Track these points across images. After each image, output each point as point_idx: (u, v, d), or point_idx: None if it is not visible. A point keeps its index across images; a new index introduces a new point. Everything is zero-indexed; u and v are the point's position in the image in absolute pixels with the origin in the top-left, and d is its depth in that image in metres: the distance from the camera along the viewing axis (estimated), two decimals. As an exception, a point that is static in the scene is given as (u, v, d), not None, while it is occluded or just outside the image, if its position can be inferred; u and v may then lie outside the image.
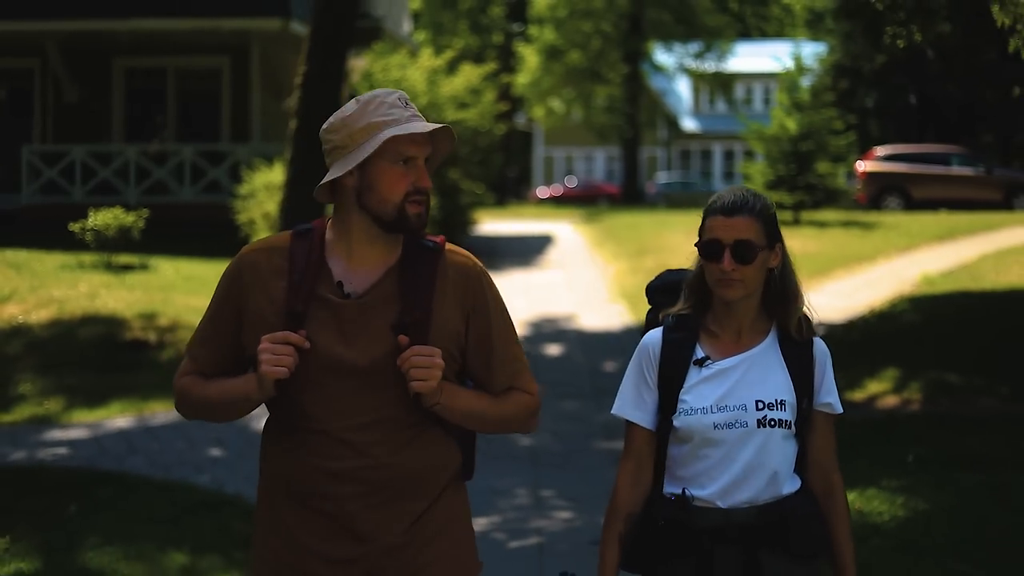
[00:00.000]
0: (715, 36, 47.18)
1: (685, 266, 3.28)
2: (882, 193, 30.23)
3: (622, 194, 47.60)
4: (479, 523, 7.14)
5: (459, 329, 2.94)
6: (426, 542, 2.92)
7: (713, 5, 47.21)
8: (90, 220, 16.39)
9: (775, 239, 3.12)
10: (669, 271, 3.39)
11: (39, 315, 13.81)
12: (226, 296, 2.97)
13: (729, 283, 3.06)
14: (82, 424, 10.32)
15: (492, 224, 28.89)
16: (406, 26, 29.19)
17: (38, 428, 10.31)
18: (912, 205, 29.63)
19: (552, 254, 23.29)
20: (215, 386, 2.95)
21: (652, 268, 18.89)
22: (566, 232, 28.58)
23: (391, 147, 2.86)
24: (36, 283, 15.07)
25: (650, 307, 3.33)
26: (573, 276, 19.58)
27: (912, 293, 15.48)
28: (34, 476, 8.59)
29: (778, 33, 53.78)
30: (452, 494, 3.01)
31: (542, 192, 53.37)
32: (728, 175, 55.43)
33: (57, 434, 10.04)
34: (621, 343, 13.33)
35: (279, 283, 2.91)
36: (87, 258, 16.64)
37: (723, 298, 3.10)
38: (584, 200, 47.83)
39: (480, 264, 3.04)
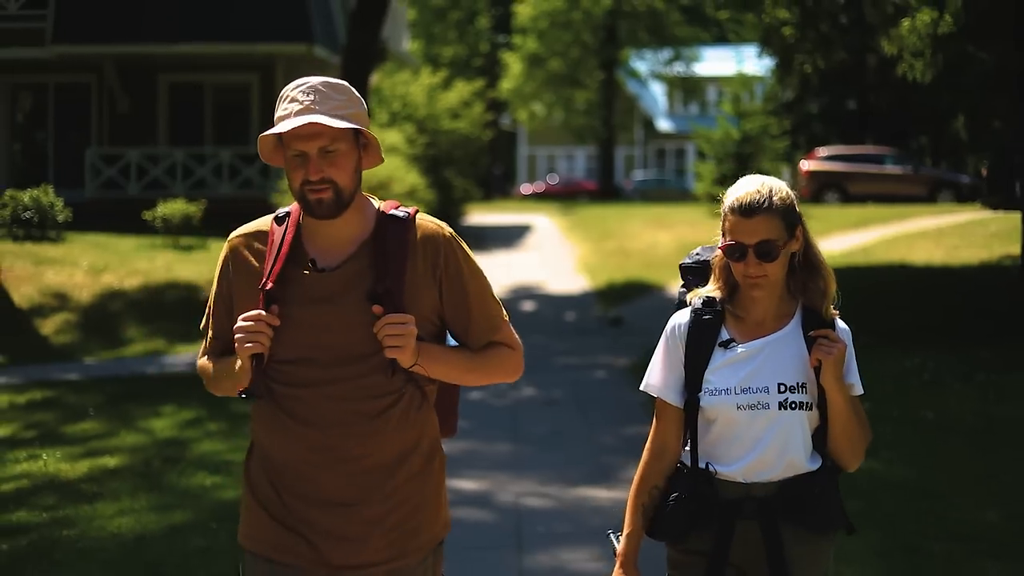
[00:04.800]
0: (683, 44, 51.34)
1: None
2: (822, 189, 34.00)
3: (599, 190, 51.08)
4: (476, 395, 11.26)
5: (433, 293, 3.04)
6: (408, 511, 3.05)
7: (683, 17, 51.26)
8: (159, 209, 20.49)
9: (795, 225, 3.14)
10: (704, 248, 3.40)
11: (130, 282, 17.82)
12: (219, 281, 3.14)
13: (755, 282, 3.13)
14: (189, 353, 14.35)
15: (480, 216, 33.08)
16: (405, 43, 33.28)
17: (155, 356, 14.34)
18: (849, 199, 33.37)
19: (530, 239, 27.63)
20: (217, 365, 3.13)
21: (612, 249, 23.18)
22: (543, 222, 32.82)
23: (287, 141, 2.97)
24: (122, 259, 19.09)
25: (682, 285, 3.39)
26: (546, 255, 23.88)
27: (812, 266, 19.62)
28: (173, 377, 12.66)
29: (754, 38, 57.63)
30: (431, 459, 3.12)
31: (525, 189, 56.79)
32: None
33: (172, 359, 14.08)
34: (579, 301, 17.58)
35: (260, 265, 3.04)
36: (158, 240, 20.68)
37: (751, 294, 3.18)
38: (565, 196, 50.66)
39: (450, 230, 3.13)
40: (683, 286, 3.36)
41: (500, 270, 20.50)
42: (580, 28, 49.44)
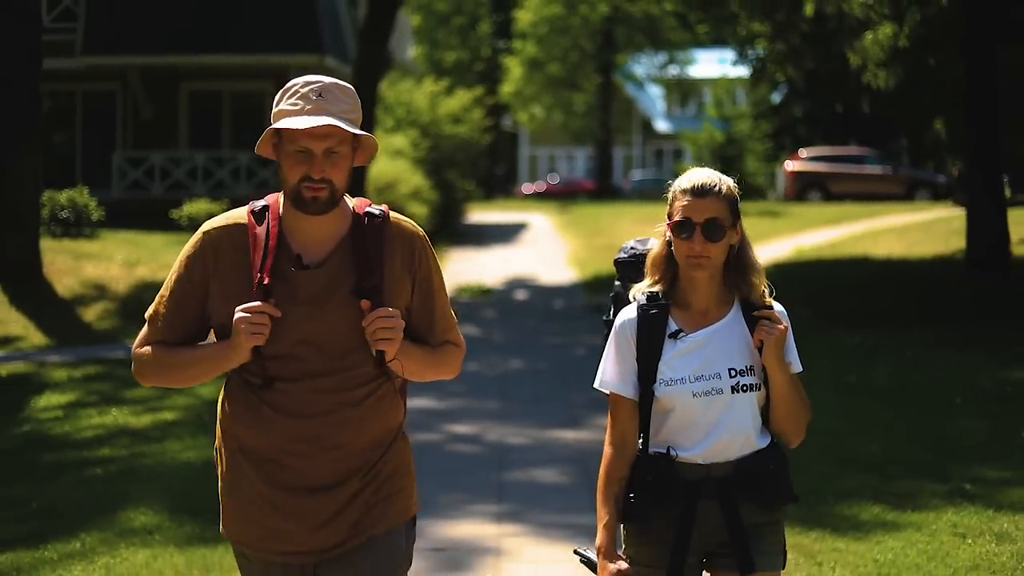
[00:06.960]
0: (679, 48, 53.13)
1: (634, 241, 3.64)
2: (805, 188, 35.88)
3: (597, 190, 52.64)
4: (470, 368, 13.11)
5: (407, 290, 3.19)
6: (381, 482, 3.20)
7: (677, 22, 52.99)
8: (185, 209, 22.37)
9: (736, 218, 3.34)
10: (637, 241, 3.58)
11: (162, 274, 19.56)
12: (190, 270, 3.18)
13: (698, 262, 3.28)
14: (218, 335, 16.21)
15: (480, 215, 34.99)
16: (409, 51, 35.12)
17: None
18: (831, 198, 35.14)
19: (526, 236, 29.58)
20: (185, 353, 3.17)
21: (601, 245, 25.04)
22: (539, 220, 34.78)
23: (290, 135, 3.08)
24: (153, 253, 20.94)
25: (617, 279, 3.56)
26: (540, 250, 25.82)
27: (782, 260, 21.42)
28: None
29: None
30: (400, 443, 3.29)
31: (527, 188, 58.22)
32: (696, 172, 60.91)
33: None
34: (567, 291, 19.51)
35: (242, 258, 3.12)
36: (183, 237, 22.49)
37: (691, 275, 3.32)
38: (565, 196, 52.04)
39: (421, 230, 3.29)
40: (618, 281, 3.58)
41: (497, 263, 22.45)
42: (578, 33, 51.16)
